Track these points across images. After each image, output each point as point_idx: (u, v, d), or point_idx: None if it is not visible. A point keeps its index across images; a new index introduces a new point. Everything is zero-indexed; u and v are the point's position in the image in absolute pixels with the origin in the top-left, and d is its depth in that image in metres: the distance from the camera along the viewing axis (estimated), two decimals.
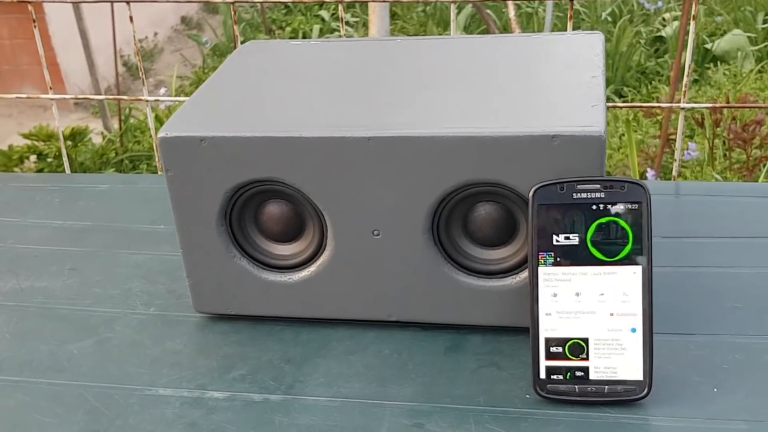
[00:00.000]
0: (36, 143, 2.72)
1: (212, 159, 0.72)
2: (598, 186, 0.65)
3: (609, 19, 4.16)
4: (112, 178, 1.29)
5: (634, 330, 0.65)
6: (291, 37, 4.37)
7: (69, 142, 2.84)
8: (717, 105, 1.22)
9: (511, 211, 0.70)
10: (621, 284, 0.65)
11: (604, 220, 0.65)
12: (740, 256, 0.83)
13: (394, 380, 0.71)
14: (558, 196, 0.65)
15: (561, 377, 0.66)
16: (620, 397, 0.65)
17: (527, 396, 0.67)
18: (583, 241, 0.65)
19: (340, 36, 3.24)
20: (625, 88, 3.54)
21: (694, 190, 1.00)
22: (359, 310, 0.76)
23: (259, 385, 0.72)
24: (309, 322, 0.78)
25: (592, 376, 0.66)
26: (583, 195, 0.65)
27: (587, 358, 0.66)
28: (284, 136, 0.70)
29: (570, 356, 0.66)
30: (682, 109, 1.11)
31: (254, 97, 0.77)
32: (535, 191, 0.66)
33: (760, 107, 1.45)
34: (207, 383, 0.73)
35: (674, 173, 1.15)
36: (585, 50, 0.79)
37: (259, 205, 0.75)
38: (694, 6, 1.07)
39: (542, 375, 0.66)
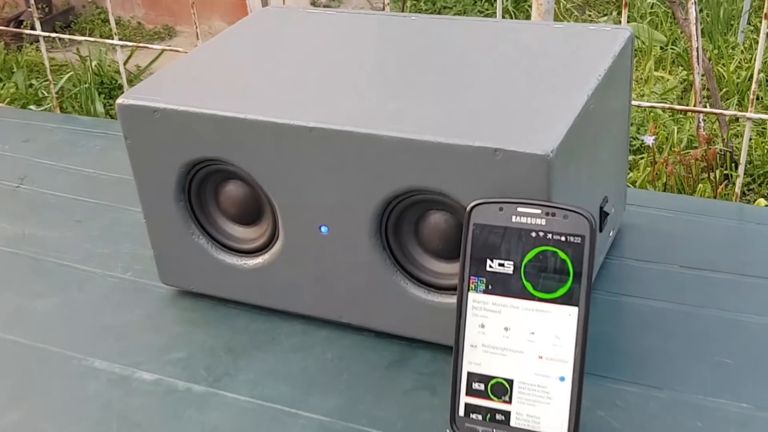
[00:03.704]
0: None
1: (166, 132, 0.68)
2: (539, 211, 0.57)
3: None
4: None
5: (562, 379, 0.57)
6: None
7: None
8: None
9: (462, 223, 0.63)
10: (554, 325, 0.57)
11: (539, 249, 0.57)
12: (755, 300, 0.71)
13: (321, 389, 0.66)
14: (496, 217, 0.58)
15: (480, 417, 0.59)
16: None
17: (447, 430, 0.61)
18: (517, 270, 0.57)
19: None
20: None
21: (730, 214, 0.88)
22: (310, 307, 0.71)
23: (190, 372, 0.69)
24: (266, 310, 0.74)
25: (513, 422, 0.58)
26: (523, 219, 0.57)
27: (510, 402, 0.58)
28: (231, 116, 0.65)
29: (492, 396, 0.59)
30: None
31: (225, 71, 0.73)
32: (471, 208, 0.58)
33: None
34: (142, 362, 0.70)
35: None
36: (598, 49, 0.69)
37: (219, 184, 0.71)
38: None
39: (461, 412, 0.60)
